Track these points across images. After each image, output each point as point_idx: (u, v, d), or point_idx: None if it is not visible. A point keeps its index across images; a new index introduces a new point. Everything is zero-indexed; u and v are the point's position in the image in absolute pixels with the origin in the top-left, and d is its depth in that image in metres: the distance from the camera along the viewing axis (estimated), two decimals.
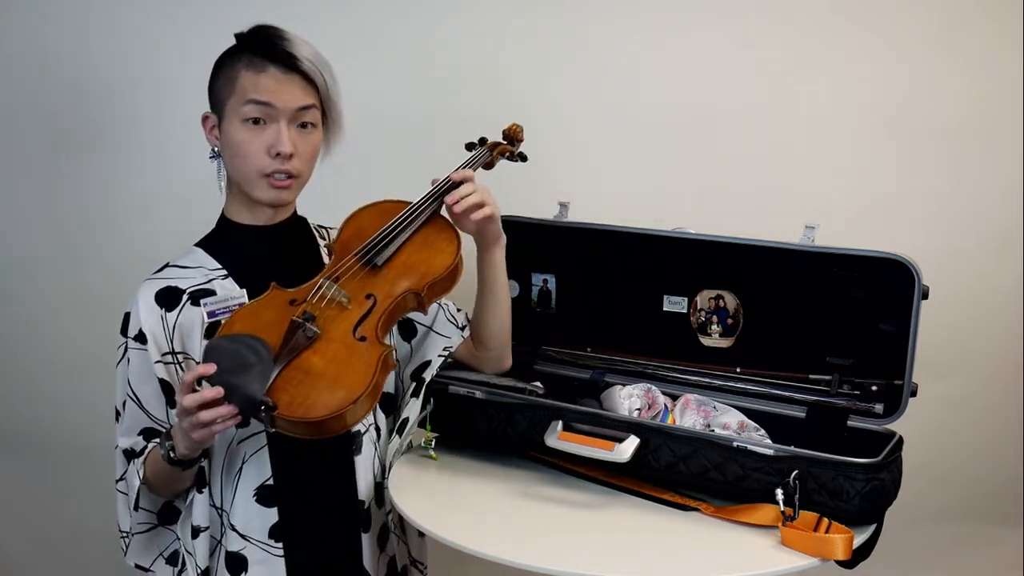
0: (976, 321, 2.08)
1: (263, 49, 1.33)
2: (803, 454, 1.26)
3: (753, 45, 1.99)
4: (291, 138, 1.33)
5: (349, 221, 1.45)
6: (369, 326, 1.30)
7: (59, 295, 2.05)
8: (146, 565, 1.43)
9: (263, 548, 1.37)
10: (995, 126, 2.01)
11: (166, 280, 1.38)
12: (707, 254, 1.57)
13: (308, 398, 1.21)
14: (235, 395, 1.17)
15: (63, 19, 1.96)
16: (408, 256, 1.39)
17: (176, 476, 1.33)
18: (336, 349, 1.26)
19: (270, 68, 1.32)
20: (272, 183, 1.35)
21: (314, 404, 1.21)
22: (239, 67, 1.33)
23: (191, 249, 1.43)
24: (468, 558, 1.20)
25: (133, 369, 1.36)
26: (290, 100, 1.33)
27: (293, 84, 1.33)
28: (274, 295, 1.33)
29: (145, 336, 1.35)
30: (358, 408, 1.23)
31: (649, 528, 1.27)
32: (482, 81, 2.02)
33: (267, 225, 1.42)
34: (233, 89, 1.33)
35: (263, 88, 1.32)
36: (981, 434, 2.16)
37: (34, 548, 2.21)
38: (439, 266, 1.39)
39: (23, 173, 2.02)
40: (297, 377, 1.23)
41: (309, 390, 1.22)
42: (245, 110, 1.32)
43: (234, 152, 1.35)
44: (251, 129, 1.33)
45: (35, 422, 2.11)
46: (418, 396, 1.48)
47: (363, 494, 1.43)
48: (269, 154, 1.33)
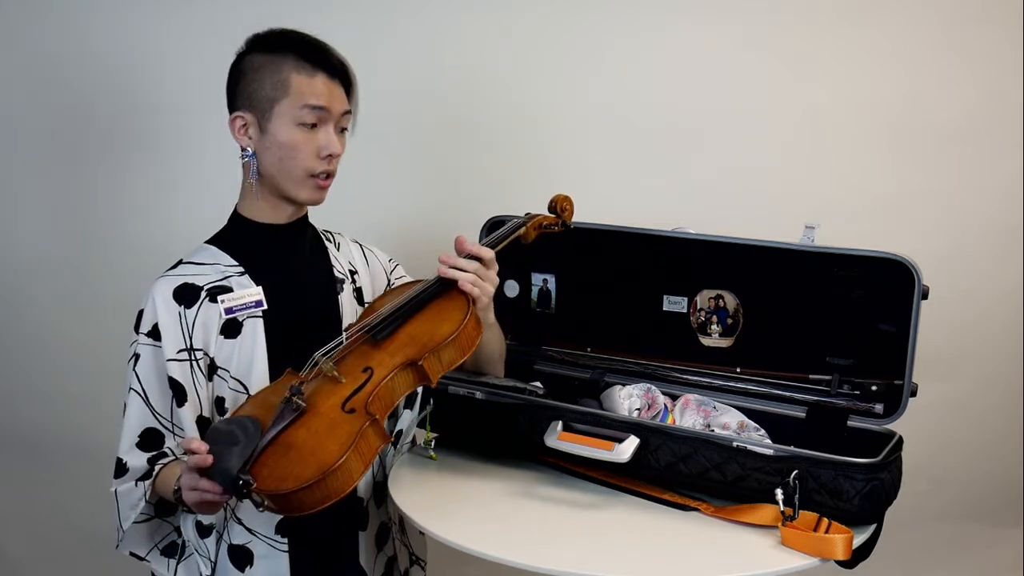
0: (976, 321, 2.08)
1: (310, 54, 1.36)
2: (803, 454, 1.26)
3: (753, 45, 1.99)
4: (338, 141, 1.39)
5: (385, 295, 1.47)
6: (360, 399, 1.25)
7: (60, 295, 2.06)
8: (141, 554, 1.42)
9: (269, 543, 1.38)
10: (995, 126, 2.01)
11: (182, 277, 1.38)
12: (707, 254, 1.57)
13: (283, 471, 1.18)
14: (216, 472, 1.16)
15: (66, 20, 1.97)
16: (413, 328, 1.35)
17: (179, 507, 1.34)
18: (320, 423, 1.23)
19: (319, 74, 1.36)
20: (318, 183, 1.39)
21: (286, 476, 1.17)
22: (287, 70, 1.35)
23: (203, 246, 1.43)
24: (468, 558, 1.20)
25: (143, 364, 1.36)
26: (338, 105, 1.38)
27: (339, 91, 1.38)
28: (285, 380, 1.31)
29: (160, 332, 1.35)
30: (338, 479, 1.18)
31: (649, 528, 1.27)
32: (482, 81, 2.02)
33: (288, 222, 1.44)
34: (286, 92, 1.35)
35: (319, 93, 1.35)
36: (981, 434, 2.16)
37: (34, 548, 2.21)
38: (440, 335, 1.33)
39: (25, 174, 2.03)
40: (280, 451, 1.20)
41: (287, 463, 1.19)
42: (301, 114, 1.35)
43: (284, 153, 1.37)
44: (305, 132, 1.36)
45: (35, 422, 2.12)
46: (411, 407, 1.49)
47: (361, 492, 1.44)
48: (319, 156, 1.37)
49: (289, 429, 1.22)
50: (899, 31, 1.98)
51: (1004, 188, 2.04)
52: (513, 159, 2.03)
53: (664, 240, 1.59)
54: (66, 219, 2.04)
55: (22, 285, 2.06)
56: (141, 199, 2.02)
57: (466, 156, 2.05)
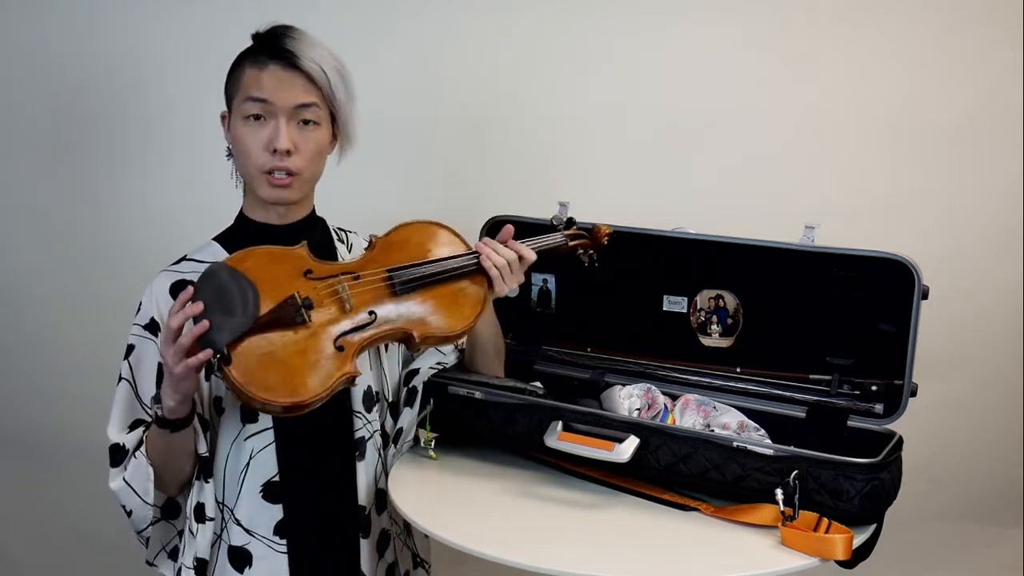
0: (976, 321, 2.08)
1: (267, 47, 1.35)
2: (803, 454, 1.26)
3: (753, 45, 1.99)
4: (291, 135, 1.34)
5: (402, 228, 1.43)
6: (353, 340, 1.28)
7: (60, 296, 2.06)
8: (151, 560, 1.44)
9: (268, 544, 1.38)
10: (995, 126, 2.01)
11: (181, 273, 1.38)
12: (707, 254, 1.58)
13: (258, 373, 1.20)
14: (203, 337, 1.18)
15: (67, 20, 1.97)
16: (429, 298, 1.37)
17: (168, 446, 1.31)
18: (310, 344, 1.25)
19: (271, 65, 1.33)
20: (272, 181, 1.35)
21: (256, 381, 1.19)
22: (244, 65, 1.35)
23: (208, 243, 1.43)
24: (468, 558, 1.20)
25: (136, 355, 1.37)
26: (288, 97, 1.33)
27: (294, 81, 1.33)
28: (298, 254, 1.32)
29: (157, 325, 1.36)
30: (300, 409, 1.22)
31: (649, 528, 1.27)
32: (482, 81, 2.02)
33: (282, 224, 1.43)
34: (238, 87, 1.35)
35: (263, 85, 1.33)
36: (981, 434, 2.16)
37: (34, 548, 2.21)
38: (449, 328, 1.36)
39: (25, 175, 2.03)
40: (263, 347, 1.22)
41: (265, 367, 1.21)
42: (245, 107, 1.34)
43: (237, 149, 1.37)
44: (251, 125, 1.34)
45: (35, 422, 2.12)
46: (412, 405, 1.49)
47: (363, 499, 1.43)
48: (267, 150, 1.34)
49: (281, 328, 1.23)
50: (899, 31, 1.98)
51: (1004, 188, 2.04)
52: (513, 159, 2.03)
53: (664, 240, 1.59)
54: (66, 219, 2.03)
55: (22, 285, 2.06)
56: (141, 199, 2.02)
57: (466, 156, 2.05)
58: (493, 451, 1.48)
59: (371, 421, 1.45)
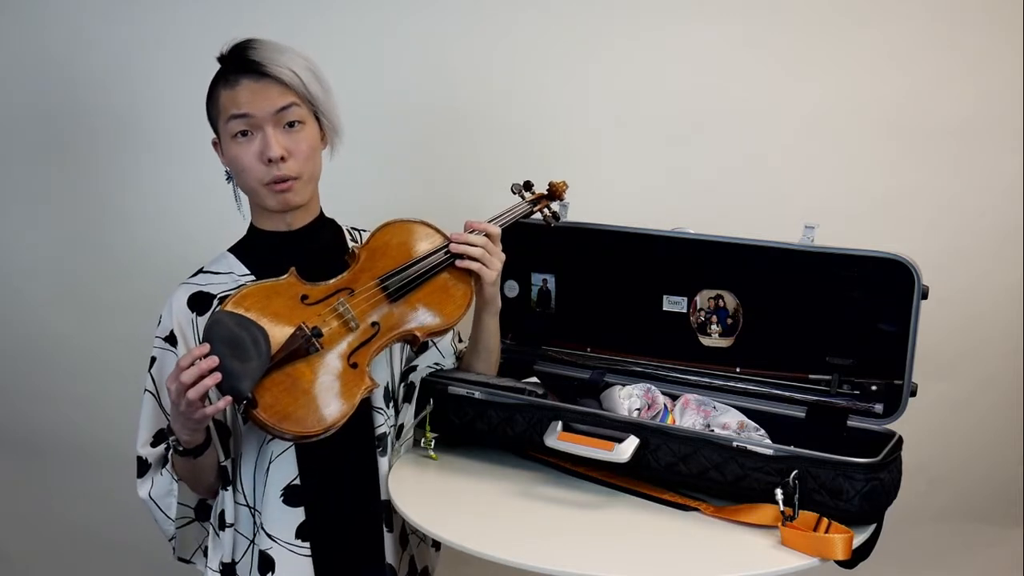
0: (976, 321, 2.08)
1: (233, 64, 1.37)
2: (803, 454, 1.26)
3: (753, 45, 1.99)
4: (280, 140, 1.35)
5: (380, 233, 1.44)
6: (364, 354, 1.32)
7: (60, 296, 2.06)
8: (187, 557, 1.48)
9: (290, 548, 1.39)
10: (995, 126, 2.01)
11: (199, 286, 1.42)
12: (707, 254, 1.57)
13: (286, 408, 1.24)
14: (223, 380, 1.18)
15: (67, 20, 1.97)
16: (423, 296, 1.40)
17: (194, 467, 1.35)
18: (326, 370, 1.29)
19: (242, 80, 1.35)
20: (273, 189, 1.37)
21: (289, 417, 1.23)
22: (219, 88, 1.37)
23: (223, 254, 1.46)
24: (468, 558, 1.20)
25: (158, 367, 1.40)
26: (266, 105, 1.35)
27: (268, 89, 1.35)
28: (289, 283, 1.34)
29: (176, 338, 1.39)
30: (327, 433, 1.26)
31: (649, 528, 1.27)
32: (482, 81, 2.02)
33: (291, 230, 1.44)
34: (218, 110, 1.37)
35: (239, 101, 1.34)
36: (981, 434, 2.16)
37: (34, 548, 2.21)
38: (448, 317, 1.41)
39: (26, 177, 2.03)
40: (284, 383, 1.25)
41: (291, 401, 1.24)
42: (230, 126, 1.36)
43: (234, 169, 1.39)
44: (240, 143, 1.36)
45: (35, 422, 2.12)
46: (410, 401, 1.51)
47: (386, 493, 1.44)
48: (262, 161, 1.36)
49: (295, 360, 1.26)
50: (899, 31, 1.98)
51: (1004, 188, 2.04)
52: (513, 159, 2.03)
53: (664, 240, 1.59)
54: (66, 220, 2.04)
55: (22, 286, 2.06)
56: (141, 200, 2.02)
57: (466, 156, 2.05)
58: (493, 451, 1.48)
59: (390, 416, 1.47)
